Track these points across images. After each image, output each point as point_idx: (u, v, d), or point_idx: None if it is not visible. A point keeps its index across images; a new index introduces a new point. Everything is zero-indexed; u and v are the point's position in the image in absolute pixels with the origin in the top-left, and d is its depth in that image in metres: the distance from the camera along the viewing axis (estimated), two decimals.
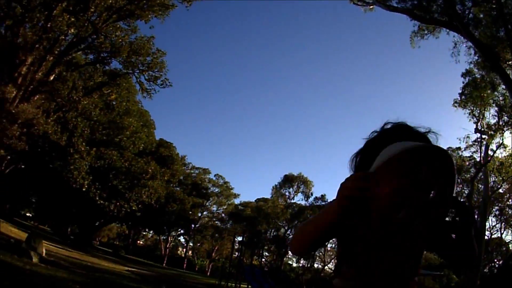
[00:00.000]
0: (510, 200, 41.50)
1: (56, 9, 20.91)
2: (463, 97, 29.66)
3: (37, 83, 21.91)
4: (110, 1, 24.10)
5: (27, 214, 64.50)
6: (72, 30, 23.31)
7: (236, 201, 71.39)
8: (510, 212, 41.76)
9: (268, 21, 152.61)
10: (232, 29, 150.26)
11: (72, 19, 22.19)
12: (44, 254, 18.75)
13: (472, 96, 28.74)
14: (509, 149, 31.13)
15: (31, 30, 20.92)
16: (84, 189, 28.98)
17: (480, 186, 37.02)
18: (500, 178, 35.06)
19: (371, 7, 31.15)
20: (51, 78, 23.05)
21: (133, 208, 35.57)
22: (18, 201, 42.43)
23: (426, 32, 27.99)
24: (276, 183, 71.18)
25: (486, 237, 36.79)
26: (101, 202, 31.72)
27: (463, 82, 29.52)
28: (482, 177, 34.40)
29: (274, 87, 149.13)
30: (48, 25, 20.83)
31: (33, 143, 24.86)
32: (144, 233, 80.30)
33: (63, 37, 23.06)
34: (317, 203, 62.91)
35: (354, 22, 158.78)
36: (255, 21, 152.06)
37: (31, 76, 21.49)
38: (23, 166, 30.01)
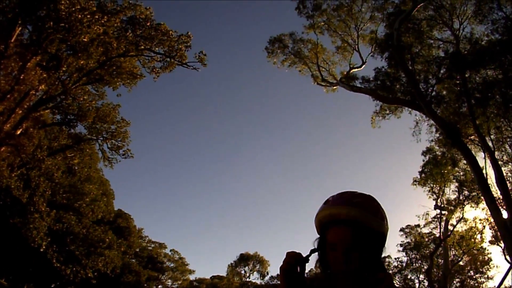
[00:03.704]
0: (471, 272, 41.61)
1: (31, 61, 21.26)
2: (423, 175, 30.26)
3: (5, 134, 21.93)
4: (82, 63, 24.51)
5: None
6: (43, 87, 23.56)
7: (191, 277, 70.23)
8: (471, 283, 41.79)
9: (228, 100, 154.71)
10: (194, 105, 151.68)
11: (44, 75, 22.54)
12: None
13: (432, 173, 29.28)
14: (470, 222, 31.49)
15: (5, 79, 21.16)
16: (42, 250, 28.43)
17: (440, 260, 37.34)
18: (461, 251, 35.39)
19: (335, 87, 31.99)
20: (18, 132, 23.07)
21: (89, 275, 34.79)
22: None
23: (388, 112, 28.40)
24: (232, 261, 71.07)
25: None
26: (58, 265, 31.00)
27: (423, 160, 30.15)
28: (442, 251, 34.83)
29: (233, 165, 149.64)
30: (21, 77, 21.08)
31: None
32: None
33: (34, 92, 23.30)
34: (273, 282, 62.96)
35: (313, 101, 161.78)
36: (216, 101, 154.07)
37: None
38: None
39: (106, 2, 24.60)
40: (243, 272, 70.46)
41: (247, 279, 69.48)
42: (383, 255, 2.23)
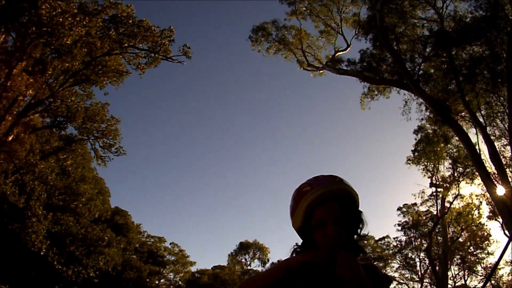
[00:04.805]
0: (471, 248, 42.21)
1: (16, 67, 21.32)
2: (416, 154, 30.11)
3: None
4: (67, 65, 24.50)
5: None
6: (30, 91, 23.56)
7: (193, 268, 70.36)
8: (472, 259, 42.48)
9: (216, 91, 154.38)
10: (183, 98, 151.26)
11: (31, 80, 22.59)
12: None
13: (425, 151, 29.11)
14: (466, 198, 31.45)
15: None
16: (42, 253, 28.59)
17: (439, 238, 37.49)
18: (459, 228, 35.48)
19: (321, 72, 31.72)
20: (10, 138, 23.16)
21: (91, 274, 34.96)
22: None
23: (376, 92, 28.24)
24: (232, 251, 71.43)
25: (450, 286, 37.05)
26: (59, 267, 31.17)
27: (415, 139, 29.96)
28: (440, 229, 34.99)
29: (227, 154, 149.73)
30: (8, 84, 21.16)
31: None
32: None
33: (22, 98, 23.36)
34: None
35: (301, 86, 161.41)
36: (205, 92, 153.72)
37: None
38: None
39: (87, 3, 24.64)
40: (243, 260, 71.25)
41: (248, 267, 70.06)
42: (362, 232, 2.30)
